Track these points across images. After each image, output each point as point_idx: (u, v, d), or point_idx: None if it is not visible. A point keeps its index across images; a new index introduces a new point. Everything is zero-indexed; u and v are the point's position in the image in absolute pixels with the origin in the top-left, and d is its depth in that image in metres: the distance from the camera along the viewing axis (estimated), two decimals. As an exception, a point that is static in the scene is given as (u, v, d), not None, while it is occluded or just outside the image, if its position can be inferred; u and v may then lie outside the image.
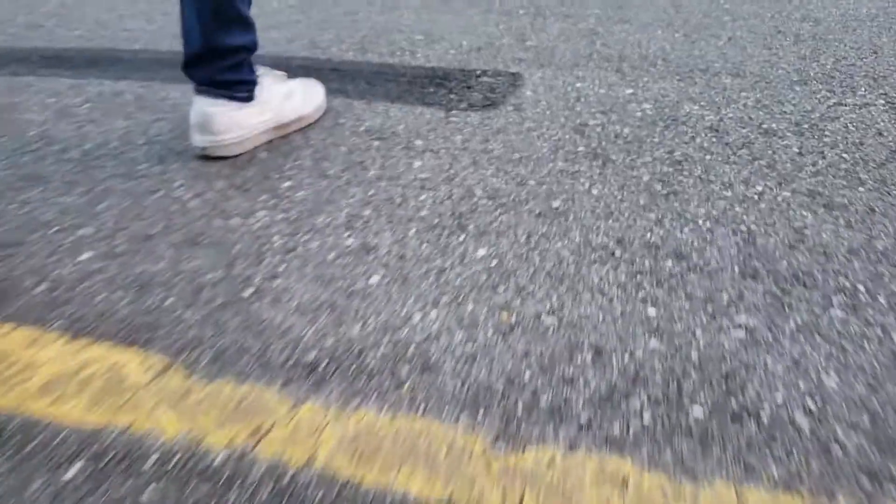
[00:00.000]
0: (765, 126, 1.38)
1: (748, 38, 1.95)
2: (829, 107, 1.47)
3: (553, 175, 1.19)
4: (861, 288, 0.87)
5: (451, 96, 1.55)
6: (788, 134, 1.34)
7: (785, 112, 1.45)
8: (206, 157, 1.26)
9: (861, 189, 1.12)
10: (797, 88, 1.58)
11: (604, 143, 1.31)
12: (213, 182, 1.18)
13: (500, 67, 1.73)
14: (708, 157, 1.25)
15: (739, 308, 0.84)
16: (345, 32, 2.03)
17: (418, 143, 1.32)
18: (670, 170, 1.20)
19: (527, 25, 2.10)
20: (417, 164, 1.23)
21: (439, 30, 2.06)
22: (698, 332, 0.80)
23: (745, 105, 1.48)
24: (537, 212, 1.07)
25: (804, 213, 1.06)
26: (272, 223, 1.05)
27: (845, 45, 1.88)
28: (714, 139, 1.32)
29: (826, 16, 2.19)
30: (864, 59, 1.76)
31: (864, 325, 0.80)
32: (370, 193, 1.14)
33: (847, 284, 0.88)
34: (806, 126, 1.38)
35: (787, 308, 0.84)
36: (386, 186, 1.16)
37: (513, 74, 1.69)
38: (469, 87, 1.60)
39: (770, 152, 1.26)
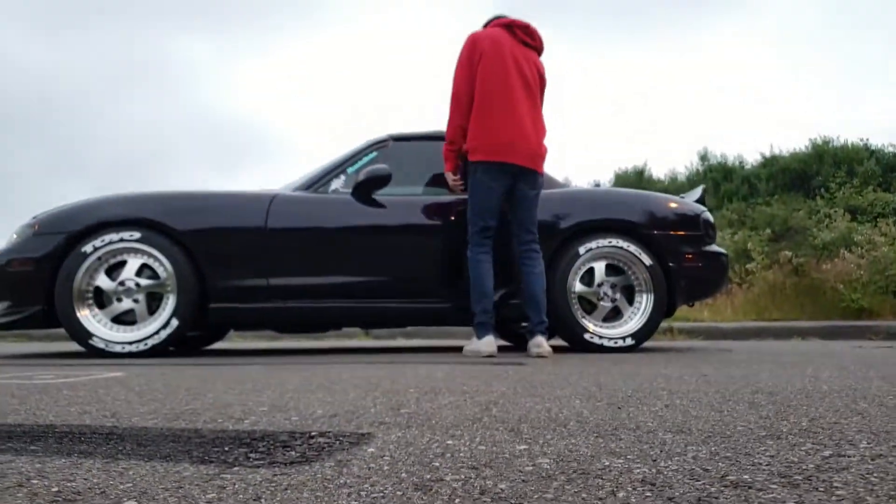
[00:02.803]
0: (731, 478, 0.83)
1: (690, 405, 1.50)
2: (824, 458, 0.95)
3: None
4: None
5: (252, 455, 1.00)
6: (773, 486, 0.79)
7: (759, 463, 0.91)
8: None
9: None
10: (769, 442, 1.07)
11: (457, 501, 0.74)
12: None
13: (351, 430, 1.22)
14: (639, 516, 0.68)
15: None
16: (170, 404, 1.55)
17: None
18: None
19: (412, 400, 1.64)
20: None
21: (297, 403, 1.59)
22: None
23: (694, 458, 0.95)
24: None
25: None
26: None
27: (816, 409, 1.43)
28: (649, 493, 0.76)
29: (781, 389, 1.79)
30: (849, 419, 1.30)
31: None
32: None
33: None
34: (799, 477, 0.84)
35: None
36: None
37: (362, 435, 1.16)
38: (287, 447, 1.06)
39: (750, 509, 0.70)
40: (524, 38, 3.53)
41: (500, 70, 3.38)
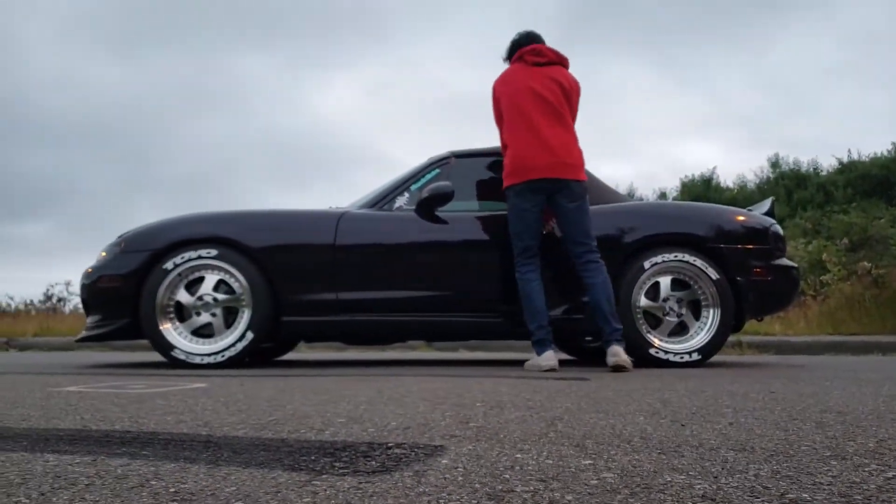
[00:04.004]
0: (790, 496, 0.87)
1: (755, 424, 1.52)
2: (887, 479, 0.97)
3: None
4: None
5: (337, 464, 1.10)
6: (832, 505, 0.83)
7: (820, 483, 0.95)
8: None
9: None
10: (833, 462, 1.09)
11: (528, 510, 0.81)
12: None
13: (424, 442, 1.30)
14: (699, 528, 0.73)
15: None
16: (255, 415, 1.66)
17: (232, 507, 0.83)
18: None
19: (479, 414, 1.71)
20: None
21: (371, 415, 1.68)
22: None
23: (756, 476, 0.99)
24: None
25: None
26: None
27: (887, 430, 1.43)
28: (710, 509, 0.81)
29: (852, 409, 1.78)
30: (918, 441, 1.30)
31: None
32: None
33: None
34: (859, 497, 0.87)
35: None
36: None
37: (435, 447, 1.24)
38: (367, 457, 1.15)
39: (806, 525, 0.74)
40: (535, 59, 3.67)
41: (514, 103, 3.59)
